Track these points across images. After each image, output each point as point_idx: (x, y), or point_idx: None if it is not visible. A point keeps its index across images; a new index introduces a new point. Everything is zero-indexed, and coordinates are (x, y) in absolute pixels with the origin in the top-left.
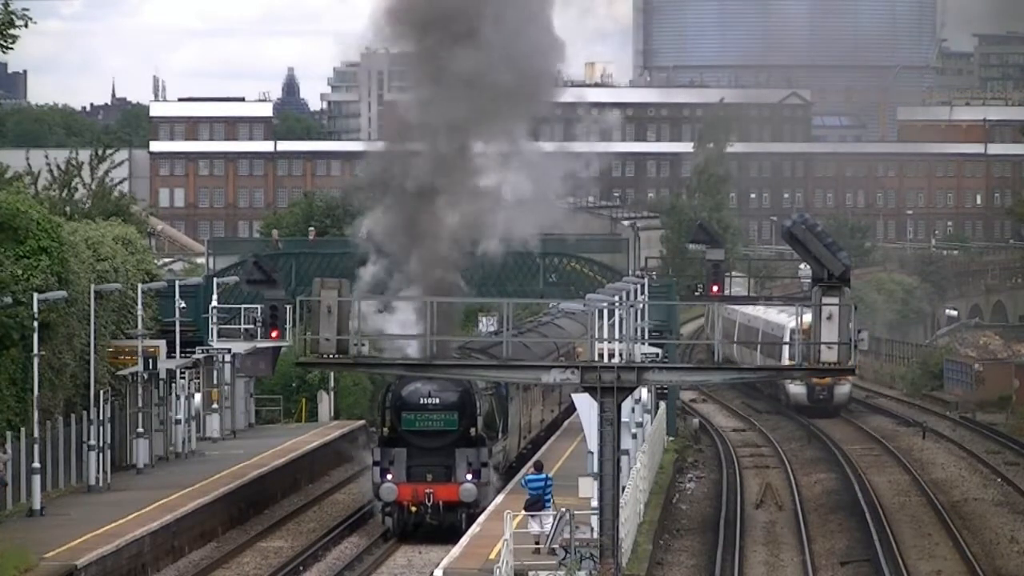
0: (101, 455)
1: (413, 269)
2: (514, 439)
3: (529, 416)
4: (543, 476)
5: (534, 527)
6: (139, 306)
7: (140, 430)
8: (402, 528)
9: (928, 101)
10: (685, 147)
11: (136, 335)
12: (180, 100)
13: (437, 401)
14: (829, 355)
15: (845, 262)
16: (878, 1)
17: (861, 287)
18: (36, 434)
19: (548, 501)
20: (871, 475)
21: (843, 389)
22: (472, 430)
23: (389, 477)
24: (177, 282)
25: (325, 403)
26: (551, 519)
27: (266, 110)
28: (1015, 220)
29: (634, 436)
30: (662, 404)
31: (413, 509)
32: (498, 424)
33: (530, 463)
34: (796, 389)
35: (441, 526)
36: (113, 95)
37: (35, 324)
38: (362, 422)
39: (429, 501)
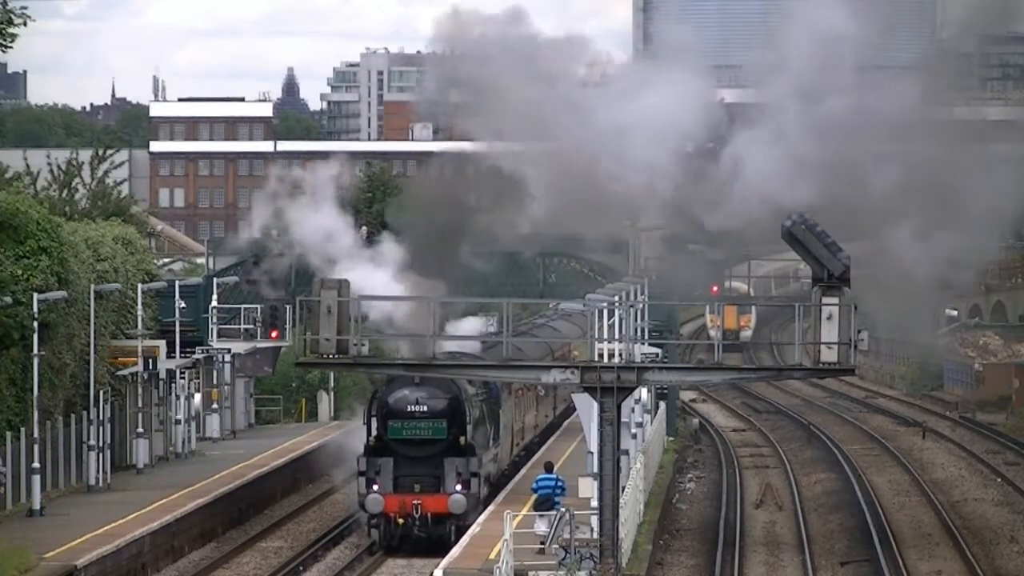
0: (101, 455)
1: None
2: (506, 446)
3: (522, 421)
4: (553, 477)
5: (540, 527)
6: (139, 306)
7: (140, 430)
8: (388, 541)
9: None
10: None
11: (136, 335)
12: (180, 100)
13: (425, 409)
14: (829, 355)
15: (845, 262)
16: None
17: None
18: (36, 434)
19: (558, 503)
20: (871, 475)
21: (746, 333)
22: (462, 438)
23: (375, 488)
24: (177, 282)
25: (325, 403)
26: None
27: (266, 110)
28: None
29: (634, 436)
30: (662, 404)
31: (400, 521)
32: (489, 431)
33: (527, 466)
34: (714, 334)
35: (429, 538)
36: (113, 95)
37: (35, 324)
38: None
39: (417, 513)
